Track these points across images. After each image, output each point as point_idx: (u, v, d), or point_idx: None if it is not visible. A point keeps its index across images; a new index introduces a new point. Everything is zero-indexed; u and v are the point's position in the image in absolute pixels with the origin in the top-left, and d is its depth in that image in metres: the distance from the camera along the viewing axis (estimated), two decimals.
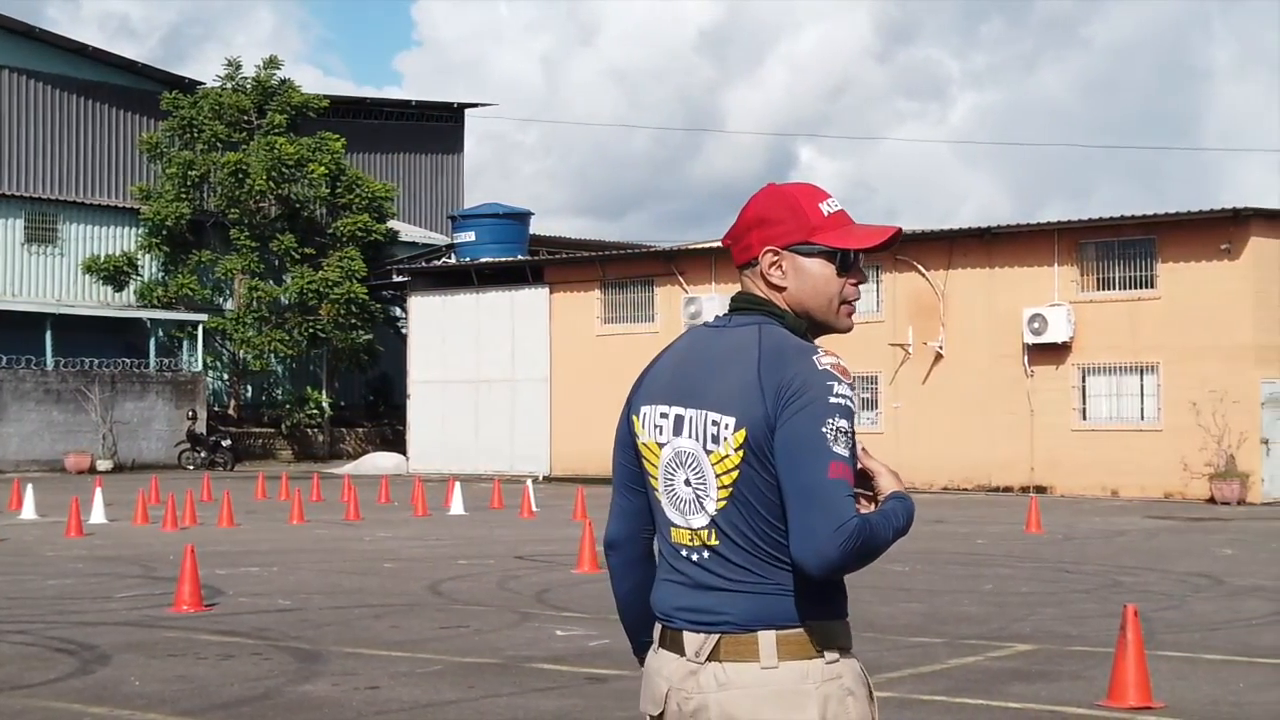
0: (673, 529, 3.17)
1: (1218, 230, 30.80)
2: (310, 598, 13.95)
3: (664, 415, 3.17)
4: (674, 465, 3.15)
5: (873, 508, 3.11)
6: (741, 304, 3.21)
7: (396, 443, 46.07)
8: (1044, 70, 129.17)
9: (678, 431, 3.15)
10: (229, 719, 8.48)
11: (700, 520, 3.12)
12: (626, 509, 3.31)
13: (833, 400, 3.00)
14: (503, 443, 40.59)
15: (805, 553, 2.97)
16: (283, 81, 48.29)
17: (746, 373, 3.07)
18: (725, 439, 3.07)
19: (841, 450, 2.99)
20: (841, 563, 2.95)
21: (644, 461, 3.23)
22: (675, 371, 3.19)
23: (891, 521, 3.05)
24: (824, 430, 2.98)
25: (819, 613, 3.10)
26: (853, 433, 3.03)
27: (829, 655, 3.09)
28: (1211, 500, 29.94)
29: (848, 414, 3.02)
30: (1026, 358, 32.88)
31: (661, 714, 3.18)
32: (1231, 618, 12.76)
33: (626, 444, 3.28)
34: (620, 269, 39.53)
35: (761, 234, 3.18)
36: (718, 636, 3.09)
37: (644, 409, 3.22)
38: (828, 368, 3.04)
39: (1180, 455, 30.67)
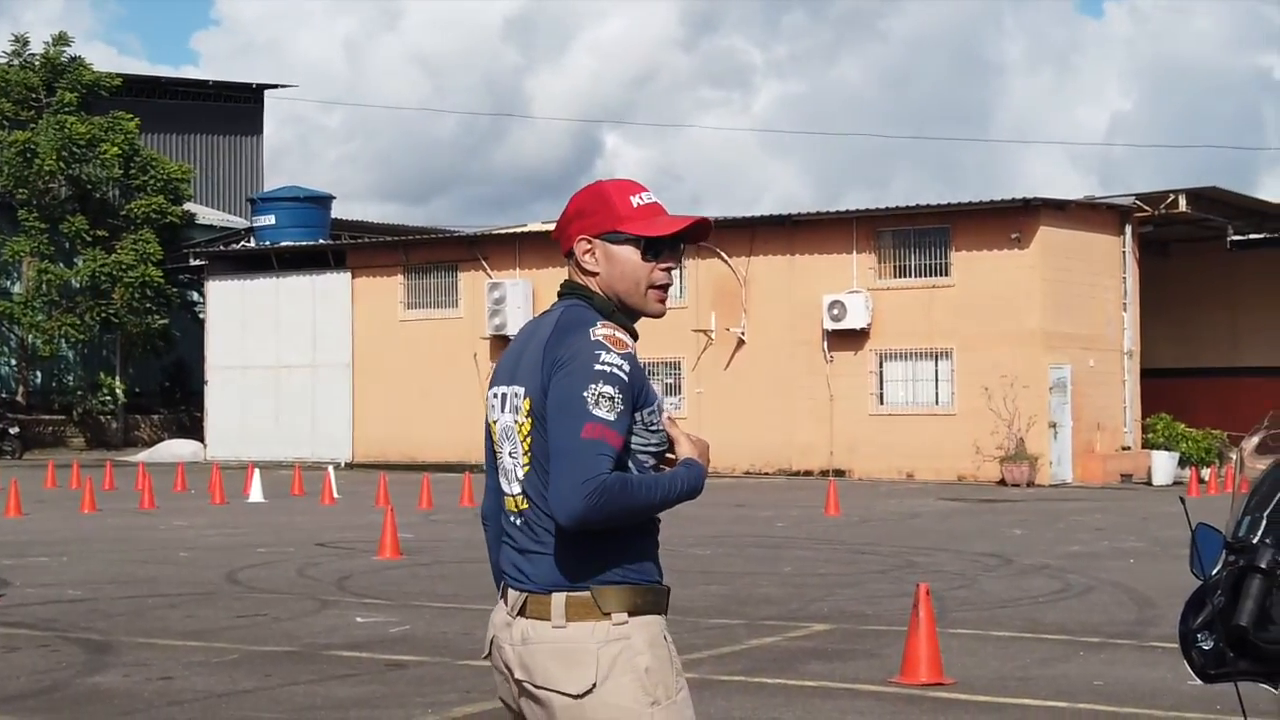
0: (504, 497, 3.51)
1: (1008, 220, 31.70)
2: (101, 588, 13.61)
3: (495, 395, 3.53)
4: (502, 439, 3.49)
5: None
6: (563, 290, 3.54)
7: (194, 430, 45.09)
8: (844, 61, 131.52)
9: (502, 408, 3.49)
10: (15, 713, 8.23)
11: (516, 488, 3.45)
12: (494, 485, 3.59)
13: (598, 367, 3.28)
14: (303, 429, 40.02)
15: (554, 506, 3.25)
16: (73, 59, 46.82)
17: (538, 348, 3.40)
18: (520, 409, 3.41)
19: (603, 414, 3.24)
20: (586, 515, 3.20)
21: (493, 440, 3.55)
22: (508, 355, 3.55)
23: (664, 484, 3.32)
24: (585, 394, 3.26)
25: (608, 577, 3.35)
26: (621, 398, 3.26)
27: (617, 617, 3.34)
28: (1002, 482, 30.83)
29: (613, 380, 3.27)
30: (826, 344, 33.46)
31: (489, 655, 3.54)
32: (1019, 595, 13.16)
33: (487, 426, 3.60)
34: (423, 254, 39.24)
35: (578, 225, 3.51)
36: (525, 595, 3.41)
37: (489, 392, 3.57)
38: (600, 338, 3.32)
39: (973, 439, 31.51)
